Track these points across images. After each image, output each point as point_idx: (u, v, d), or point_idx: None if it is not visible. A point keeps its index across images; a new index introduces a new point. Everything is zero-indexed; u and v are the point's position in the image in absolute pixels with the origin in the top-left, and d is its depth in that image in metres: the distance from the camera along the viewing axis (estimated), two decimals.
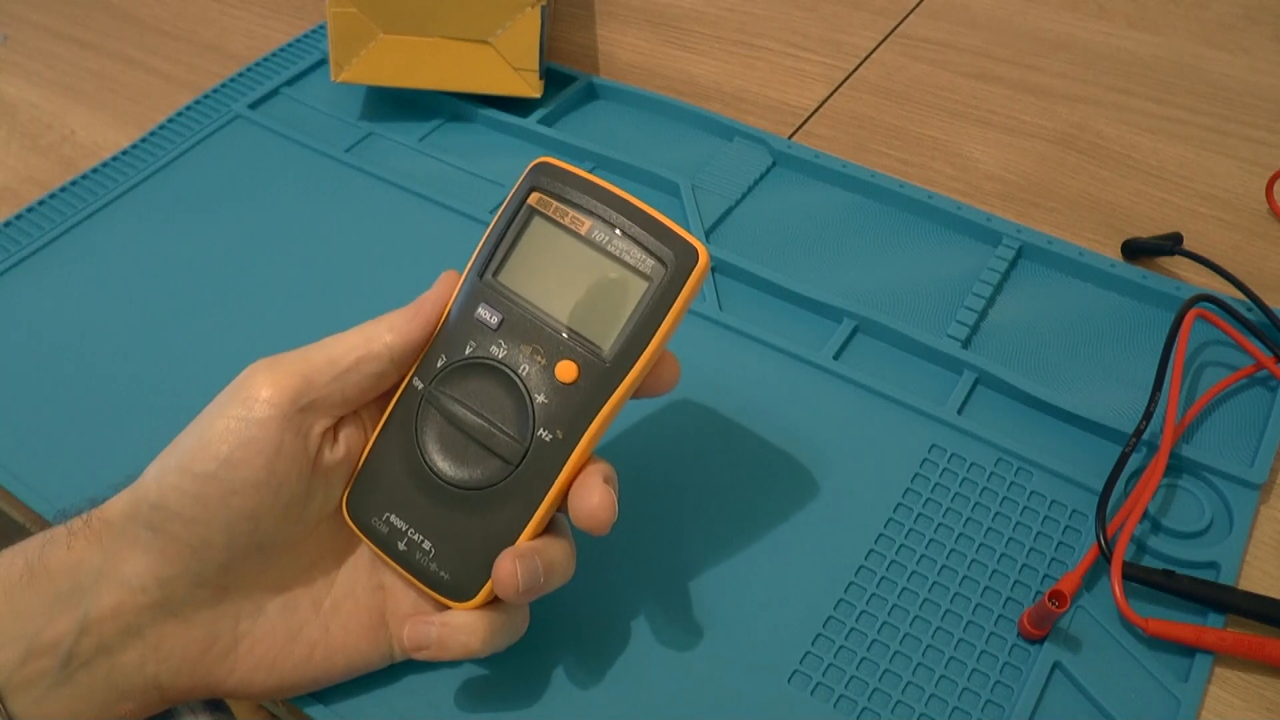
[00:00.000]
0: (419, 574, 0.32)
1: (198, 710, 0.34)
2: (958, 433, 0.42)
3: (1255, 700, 0.35)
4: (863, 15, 0.66)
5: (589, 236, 0.31)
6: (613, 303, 0.31)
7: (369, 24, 0.54)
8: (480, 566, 0.32)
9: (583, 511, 0.30)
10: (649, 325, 0.31)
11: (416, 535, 0.32)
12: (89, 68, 0.64)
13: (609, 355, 0.31)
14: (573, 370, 0.31)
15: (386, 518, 0.33)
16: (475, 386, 0.32)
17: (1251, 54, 0.62)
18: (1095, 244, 0.51)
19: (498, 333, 0.32)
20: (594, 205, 0.31)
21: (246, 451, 0.30)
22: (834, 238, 0.51)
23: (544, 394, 0.31)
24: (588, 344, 0.31)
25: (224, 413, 0.30)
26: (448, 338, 0.32)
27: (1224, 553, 0.38)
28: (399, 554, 0.33)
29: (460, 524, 0.32)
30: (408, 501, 0.32)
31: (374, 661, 0.34)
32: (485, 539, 0.32)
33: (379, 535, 0.33)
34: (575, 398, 0.31)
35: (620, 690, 0.35)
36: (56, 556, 0.30)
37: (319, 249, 0.51)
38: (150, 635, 0.31)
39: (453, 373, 0.32)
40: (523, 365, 0.31)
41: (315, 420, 0.31)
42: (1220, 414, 0.43)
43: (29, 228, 0.52)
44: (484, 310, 0.32)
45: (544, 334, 0.31)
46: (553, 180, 0.32)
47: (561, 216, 0.32)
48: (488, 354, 0.32)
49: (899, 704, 0.35)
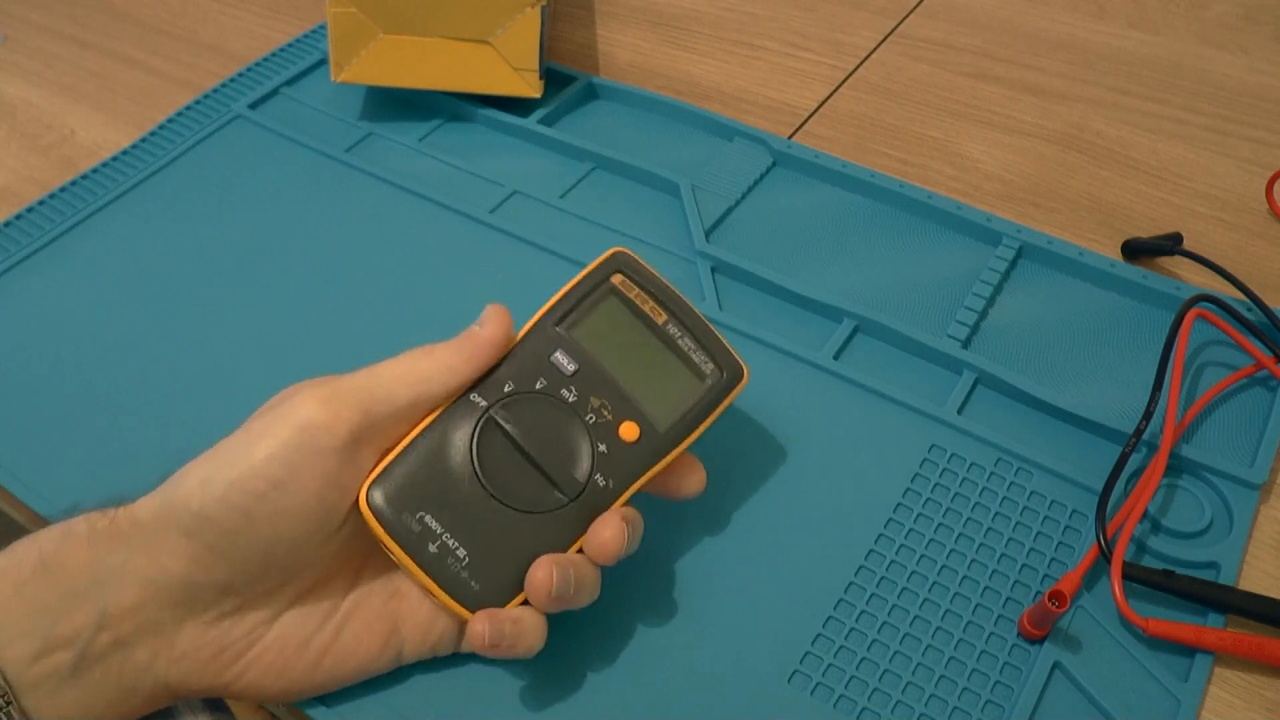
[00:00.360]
0: (442, 578, 0.33)
1: (197, 709, 0.34)
2: (958, 433, 0.42)
3: (1255, 700, 0.35)
4: (863, 15, 0.66)
5: (664, 328, 0.36)
6: (674, 387, 0.36)
7: (369, 24, 0.54)
8: (510, 582, 0.33)
9: (595, 540, 0.33)
10: (698, 416, 0.35)
11: (452, 541, 0.33)
12: (89, 68, 0.64)
13: (664, 429, 0.35)
14: (634, 431, 0.34)
15: (421, 517, 0.33)
16: (544, 421, 0.34)
17: (1251, 54, 0.62)
18: (1095, 244, 0.51)
19: (571, 379, 0.35)
20: (669, 304, 0.36)
21: (300, 479, 0.30)
22: (834, 238, 0.51)
23: (605, 445, 0.34)
24: (648, 415, 0.35)
25: (276, 433, 0.30)
26: (518, 368, 0.34)
27: (1224, 553, 0.38)
28: (426, 556, 0.33)
29: (501, 539, 0.33)
30: (448, 507, 0.33)
31: (382, 666, 0.34)
32: (522, 557, 0.33)
33: (406, 532, 0.33)
34: (629, 456, 0.34)
35: (620, 690, 0.35)
36: (74, 552, 0.30)
37: (319, 249, 0.51)
38: (167, 634, 0.31)
39: (521, 400, 0.34)
40: (590, 415, 0.34)
41: (368, 451, 0.32)
42: (1220, 414, 0.43)
43: (29, 228, 0.52)
44: (562, 355, 0.35)
45: (614, 393, 0.35)
46: (635, 271, 0.36)
47: (641, 303, 0.36)
48: (558, 395, 0.34)
49: (899, 704, 0.35)
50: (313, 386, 0.31)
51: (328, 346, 0.46)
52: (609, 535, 0.33)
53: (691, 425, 0.35)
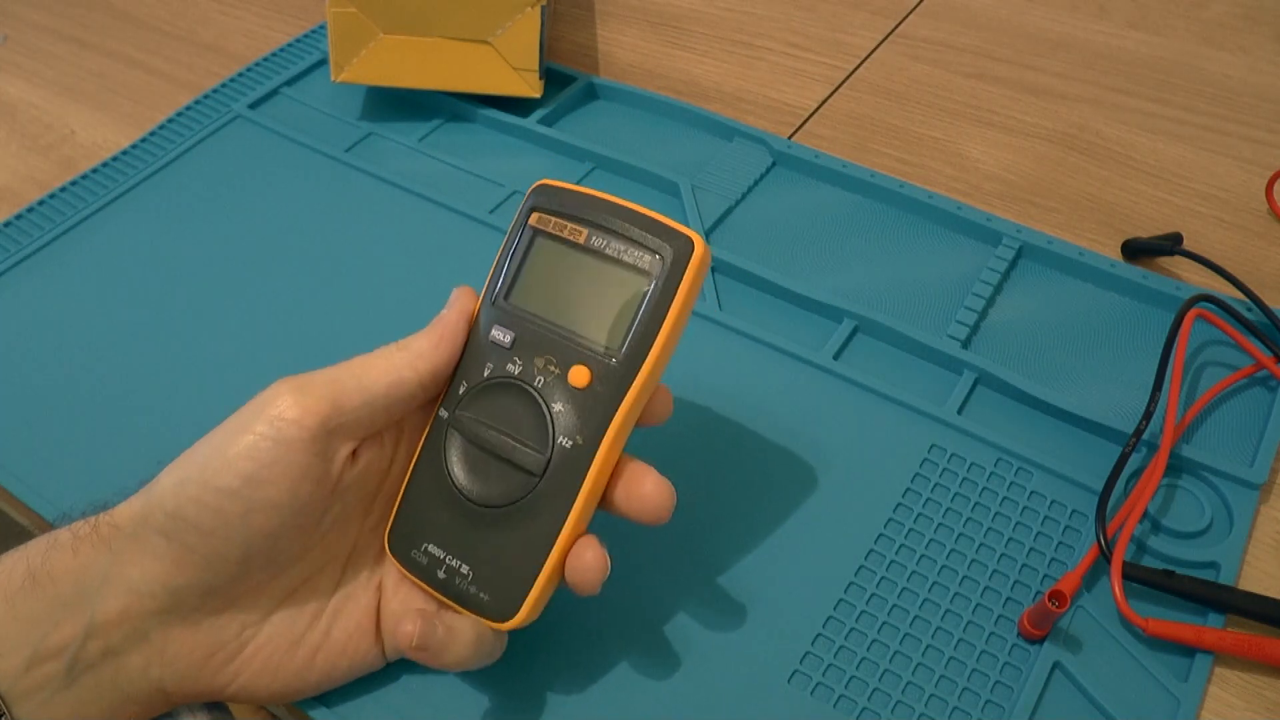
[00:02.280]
0: (461, 599, 0.32)
1: (196, 709, 0.34)
2: (958, 433, 0.42)
3: (1255, 700, 0.35)
4: (863, 15, 0.66)
5: (588, 244, 0.32)
6: (617, 303, 0.32)
7: (369, 24, 0.54)
8: (518, 585, 0.32)
9: (578, 565, 0.31)
10: (655, 320, 0.31)
11: (454, 561, 0.32)
12: (89, 68, 0.64)
13: (619, 355, 0.31)
14: (585, 374, 0.31)
15: (425, 548, 0.33)
16: (496, 406, 0.32)
17: (1251, 54, 0.62)
18: (1095, 244, 0.51)
19: (511, 350, 0.32)
20: (590, 214, 0.32)
21: (271, 472, 0.30)
22: (834, 238, 0.51)
23: (560, 402, 0.32)
24: (597, 347, 0.32)
25: (249, 429, 0.30)
26: (468, 364, 0.33)
27: (1224, 553, 0.38)
28: (440, 582, 0.32)
29: (494, 543, 0.32)
30: (442, 529, 0.33)
31: (373, 663, 0.34)
32: (519, 556, 0.32)
33: (420, 567, 0.33)
34: (591, 401, 0.31)
35: (620, 690, 0.35)
36: (61, 561, 0.30)
37: (319, 249, 0.51)
38: (156, 639, 0.31)
39: (474, 397, 0.33)
40: (537, 377, 0.32)
41: (341, 444, 0.31)
42: (1220, 414, 0.43)
43: (29, 228, 0.52)
44: (497, 331, 0.33)
45: (555, 344, 0.32)
46: (549, 198, 0.33)
47: (560, 230, 0.33)
48: (504, 373, 0.32)
49: (899, 704, 0.35)
50: (285, 382, 0.31)
51: (328, 346, 0.46)
52: (590, 558, 0.31)
53: (649, 335, 0.31)
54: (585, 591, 0.31)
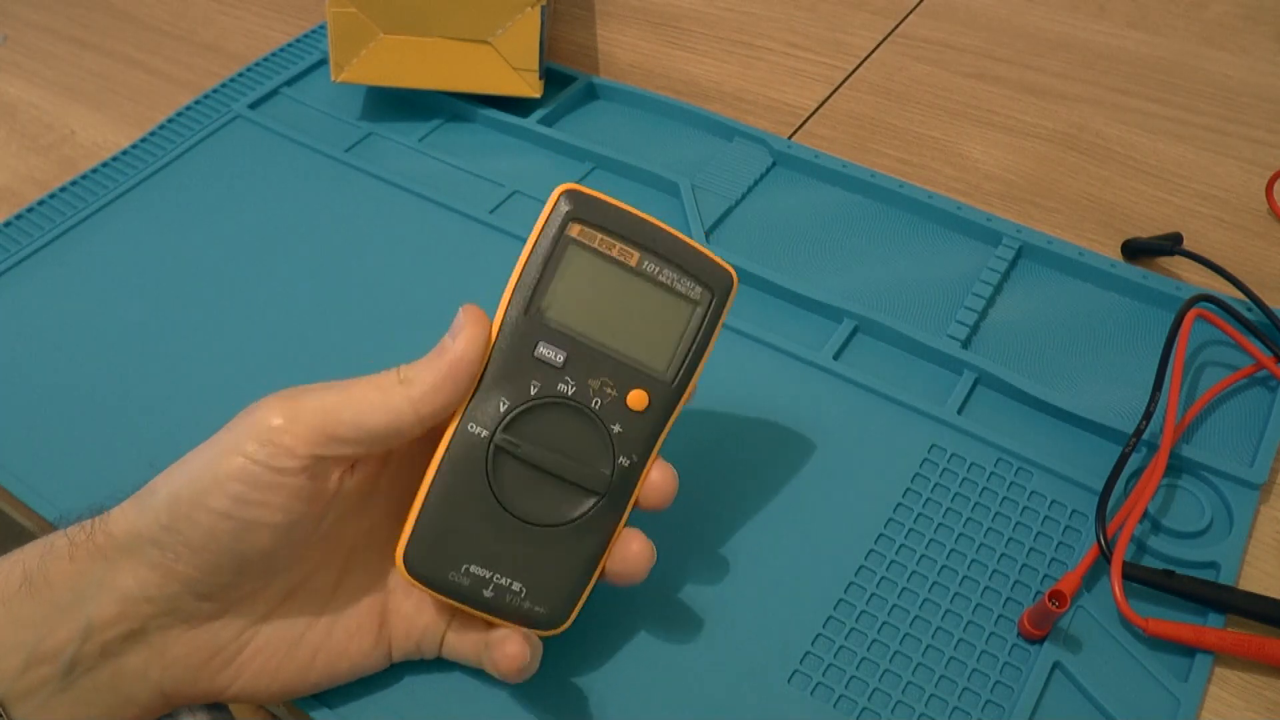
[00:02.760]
0: (509, 614, 0.32)
1: (196, 709, 0.34)
2: (958, 433, 0.42)
3: (1255, 700, 0.35)
4: (863, 15, 0.66)
5: (641, 268, 0.32)
6: (670, 329, 0.33)
7: (369, 24, 0.54)
8: (571, 593, 0.33)
9: (622, 555, 0.33)
10: (701, 346, 0.33)
11: (504, 580, 0.32)
12: (89, 68, 0.64)
13: (671, 378, 0.33)
14: (644, 398, 0.32)
15: (466, 569, 0.32)
16: (551, 427, 0.32)
17: (1251, 54, 0.62)
18: (1095, 244, 0.51)
19: (563, 370, 0.32)
20: (641, 236, 0.32)
21: (263, 495, 0.29)
22: (834, 238, 0.51)
23: (620, 424, 0.32)
24: (652, 370, 0.32)
25: (240, 449, 0.29)
26: (504, 380, 0.31)
27: (1224, 553, 0.38)
28: (485, 601, 0.32)
29: (547, 558, 0.32)
30: (487, 550, 0.32)
31: (375, 663, 0.34)
32: (575, 567, 0.32)
33: (458, 588, 0.32)
34: (644, 423, 0.32)
35: (620, 690, 0.35)
36: (57, 568, 0.30)
37: (319, 249, 0.51)
38: (155, 641, 0.31)
39: (522, 416, 0.32)
40: (594, 399, 0.32)
41: (334, 467, 0.31)
42: (1220, 414, 0.43)
43: (29, 228, 0.52)
44: (545, 349, 0.32)
45: (612, 366, 0.32)
46: (591, 211, 0.32)
47: (608, 248, 0.32)
48: (555, 392, 0.32)
49: (899, 704, 0.35)
50: (277, 404, 0.30)
51: (328, 346, 0.46)
52: (636, 549, 0.33)
53: (696, 359, 0.33)
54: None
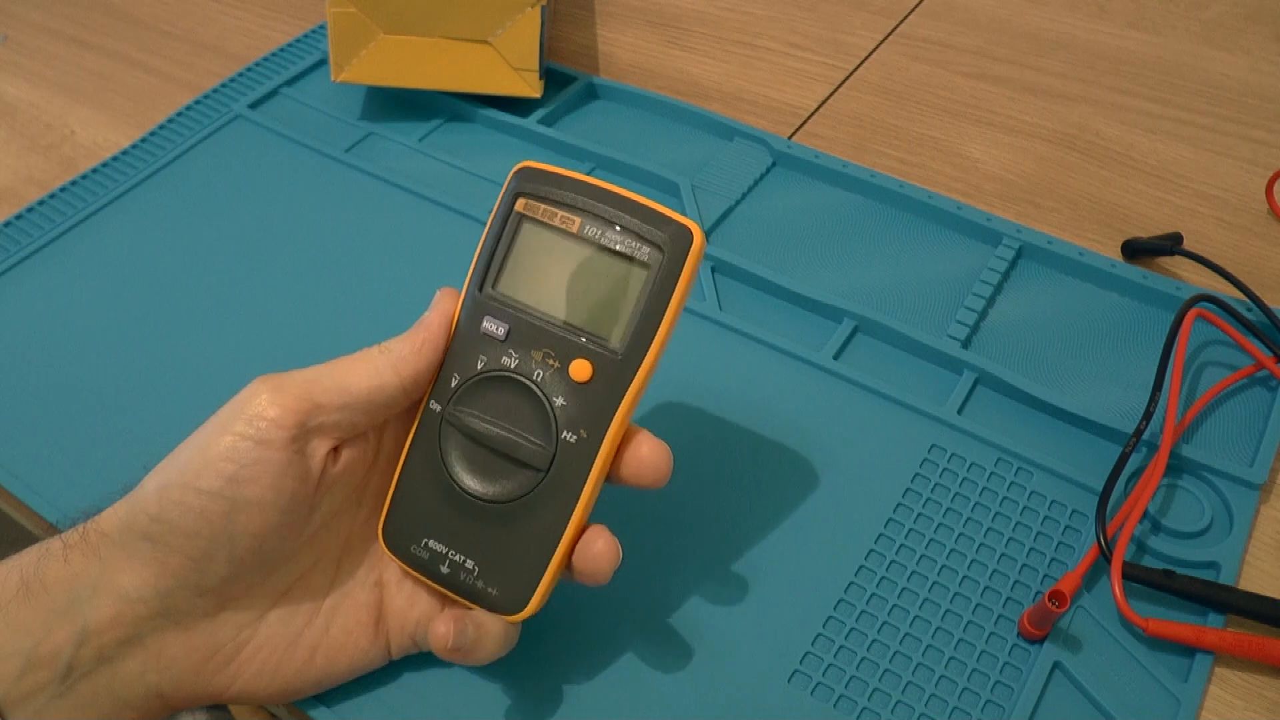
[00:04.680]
0: (466, 593, 0.32)
1: (196, 712, 0.34)
2: (958, 433, 0.42)
3: (1255, 700, 0.35)
4: (863, 15, 0.66)
5: (581, 234, 0.31)
6: (616, 295, 0.31)
7: (369, 24, 0.54)
8: (527, 577, 0.32)
9: (587, 555, 0.32)
10: (655, 312, 0.31)
11: (458, 556, 0.32)
12: (89, 68, 0.64)
13: (620, 348, 0.31)
14: (587, 368, 0.31)
15: (425, 543, 0.32)
16: (493, 400, 0.32)
17: (1251, 54, 0.62)
18: (1095, 244, 0.51)
19: (506, 343, 0.32)
20: (582, 201, 0.31)
21: (252, 471, 0.29)
22: (834, 238, 0.51)
23: (562, 396, 0.31)
24: (598, 340, 0.31)
25: (229, 429, 0.30)
26: (458, 356, 0.32)
27: (1224, 553, 0.38)
28: (443, 577, 0.32)
29: (500, 538, 0.32)
30: (443, 524, 0.32)
31: (374, 660, 0.34)
32: (527, 549, 0.32)
33: (420, 561, 0.33)
34: (593, 395, 0.31)
35: (620, 690, 0.35)
36: (52, 571, 0.30)
37: (319, 249, 0.51)
38: (151, 644, 0.31)
39: (468, 390, 0.32)
40: (536, 371, 0.31)
41: (321, 442, 0.31)
42: (1220, 414, 0.43)
43: (29, 228, 0.52)
44: (489, 323, 0.32)
45: (552, 337, 0.31)
46: (536, 183, 0.32)
47: (550, 218, 0.32)
48: (500, 366, 0.32)
49: (899, 704, 0.35)
50: (262, 381, 0.31)
51: (328, 346, 0.46)
52: (600, 547, 0.31)
53: (650, 328, 0.31)
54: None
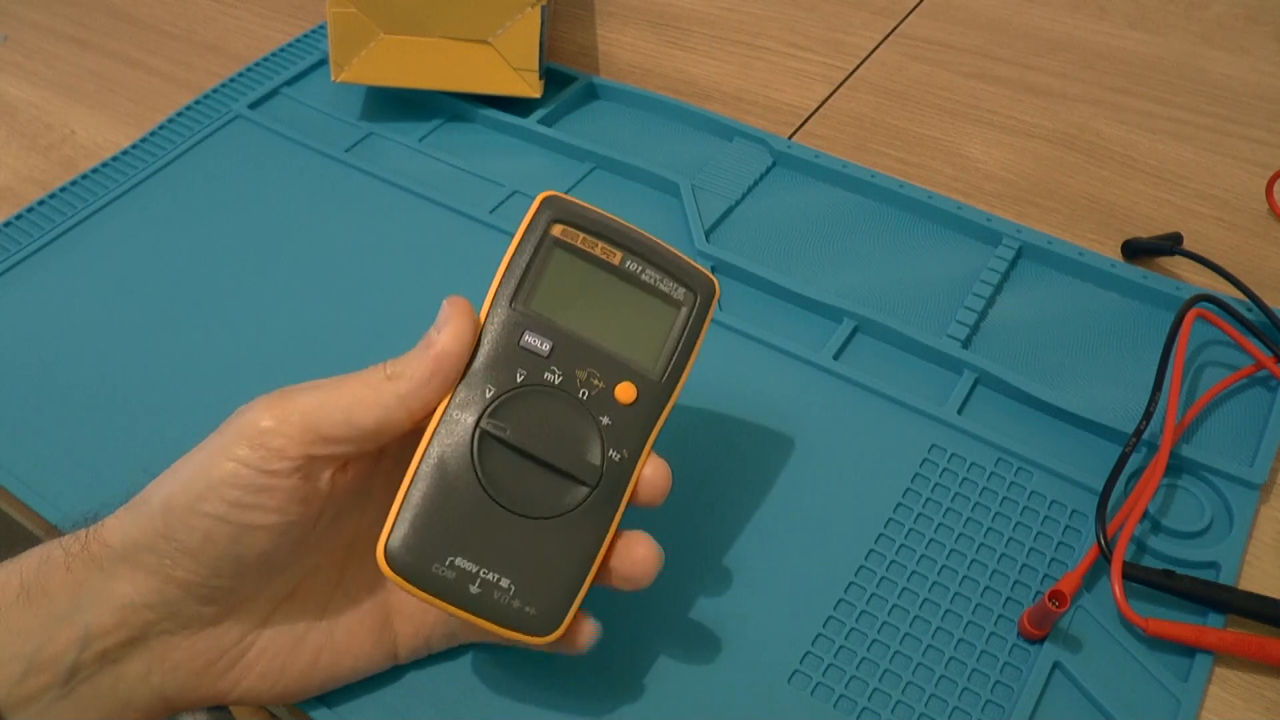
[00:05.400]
0: (496, 615, 0.31)
1: (198, 713, 0.34)
2: (958, 433, 0.42)
3: (1255, 700, 0.35)
4: (863, 15, 0.66)
5: (623, 268, 0.33)
6: (653, 327, 0.33)
7: (369, 24, 0.54)
8: (565, 595, 0.31)
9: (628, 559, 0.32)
10: (687, 347, 0.33)
11: (491, 575, 0.31)
12: (89, 68, 0.64)
13: (658, 375, 0.33)
14: (632, 391, 0.32)
15: (451, 562, 0.30)
16: (538, 415, 0.31)
17: (1251, 54, 0.62)
18: (1095, 244, 0.51)
19: (550, 359, 0.32)
20: (619, 239, 0.33)
21: (257, 498, 0.29)
22: (834, 238, 0.51)
23: (608, 416, 0.32)
24: (639, 366, 0.32)
25: (231, 454, 0.29)
26: (489, 367, 0.31)
27: (1224, 553, 0.38)
28: (471, 599, 0.30)
29: (540, 555, 0.31)
30: (474, 541, 0.31)
31: (379, 662, 0.34)
32: (567, 565, 0.31)
33: (442, 583, 0.30)
34: (634, 417, 0.32)
35: (620, 689, 0.35)
36: (54, 577, 0.30)
37: (319, 249, 0.51)
38: (155, 647, 0.31)
39: (507, 402, 0.31)
40: (581, 390, 0.32)
41: (326, 466, 0.31)
42: (1220, 414, 0.43)
43: (29, 228, 0.52)
44: (532, 338, 0.32)
45: (598, 358, 0.32)
46: (573, 215, 0.33)
47: (591, 248, 0.33)
48: (542, 380, 0.32)
49: (899, 704, 0.35)
50: (266, 406, 0.30)
51: (328, 346, 0.46)
52: (642, 552, 0.31)
53: (683, 359, 0.33)
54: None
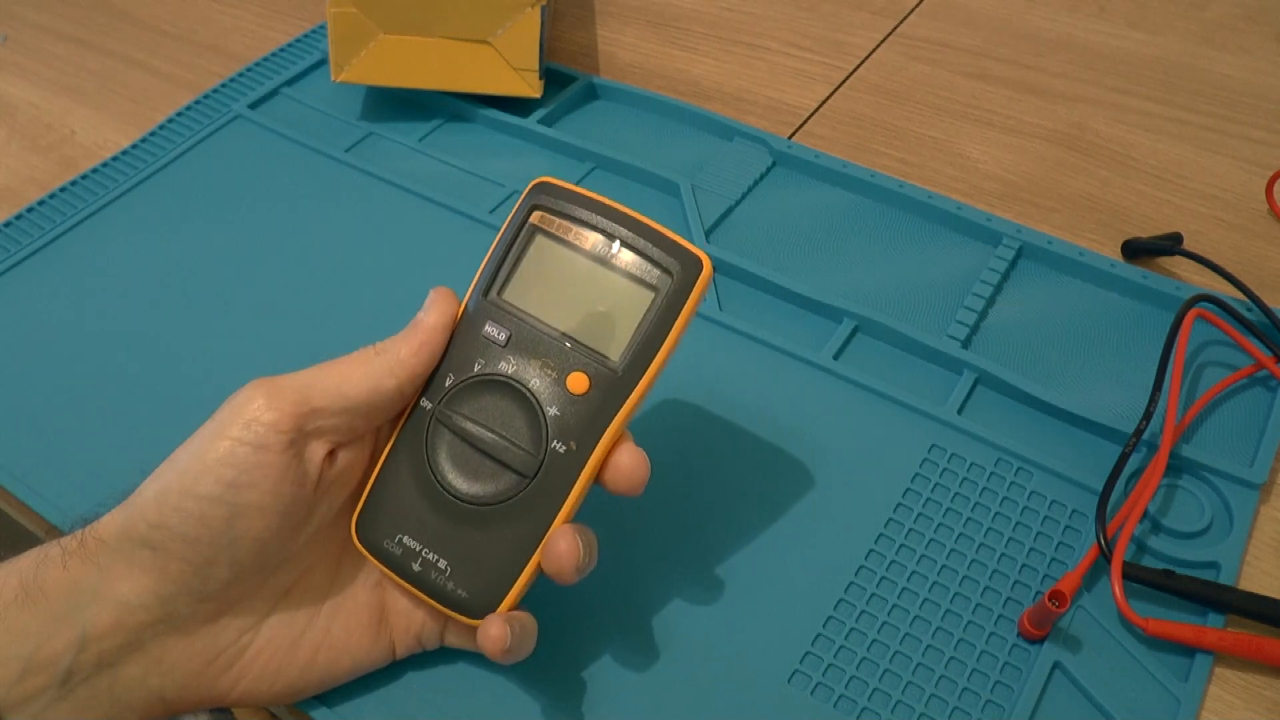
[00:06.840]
0: (435, 594, 0.32)
1: (199, 714, 0.34)
2: (958, 433, 0.42)
3: (1255, 700, 0.35)
4: (863, 15, 0.66)
5: (593, 251, 0.32)
6: (620, 314, 0.32)
7: (369, 24, 0.54)
8: (499, 583, 0.32)
9: (551, 554, 0.31)
10: (657, 335, 0.31)
11: (431, 555, 0.32)
12: (89, 68, 0.64)
13: (619, 365, 0.31)
14: (583, 381, 0.31)
15: (399, 539, 0.32)
16: (486, 403, 0.32)
17: (1251, 54, 0.62)
18: (1095, 244, 0.51)
19: (506, 349, 0.32)
20: (597, 220, 0.32)
21: (251, 476, 0.29)
22: (834, 238, 0.51)
23: (556, 406, 0.31)
24: (597, 355, 0.32)
25: (226, 434, 0.30)
26: (455, 357, 0.32)
27: (1224, 553, 0.38)
28: (414, 575, 0.32)
29: (476, 540, 0.32)
30: (420, 521, 0.32)
31: (376, 659, 0.34)
32: (502, 554, 0.32)
33: (391, 558, 0.32)
34: (587, 408, 0.31)
35: (619, 689, 0.35)
36: (51, 577, 0.30)
37: (319, 249, 0.51)
38: (152, 649, 0.31)
39: (462, 391, 0.32)
40: (533, 379, 0.32)
41: (318, 446, 0.31)
42: (1220, 414, 0.43)
43: (29, 228, 0.52)
44: (491, 327, 0.32)
45: (553, 347, 0.32)
46: (554, 198, 0.33)
47: (564, 233, 0.32)
48: (497, 370, 0.32)
49: (899, 704, 0.35)
50: (258, 385, 0.31)
51: (328, 346, 0.46)
52: (564, 547, 0.31)
53: (650, 350, 0.31)
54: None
